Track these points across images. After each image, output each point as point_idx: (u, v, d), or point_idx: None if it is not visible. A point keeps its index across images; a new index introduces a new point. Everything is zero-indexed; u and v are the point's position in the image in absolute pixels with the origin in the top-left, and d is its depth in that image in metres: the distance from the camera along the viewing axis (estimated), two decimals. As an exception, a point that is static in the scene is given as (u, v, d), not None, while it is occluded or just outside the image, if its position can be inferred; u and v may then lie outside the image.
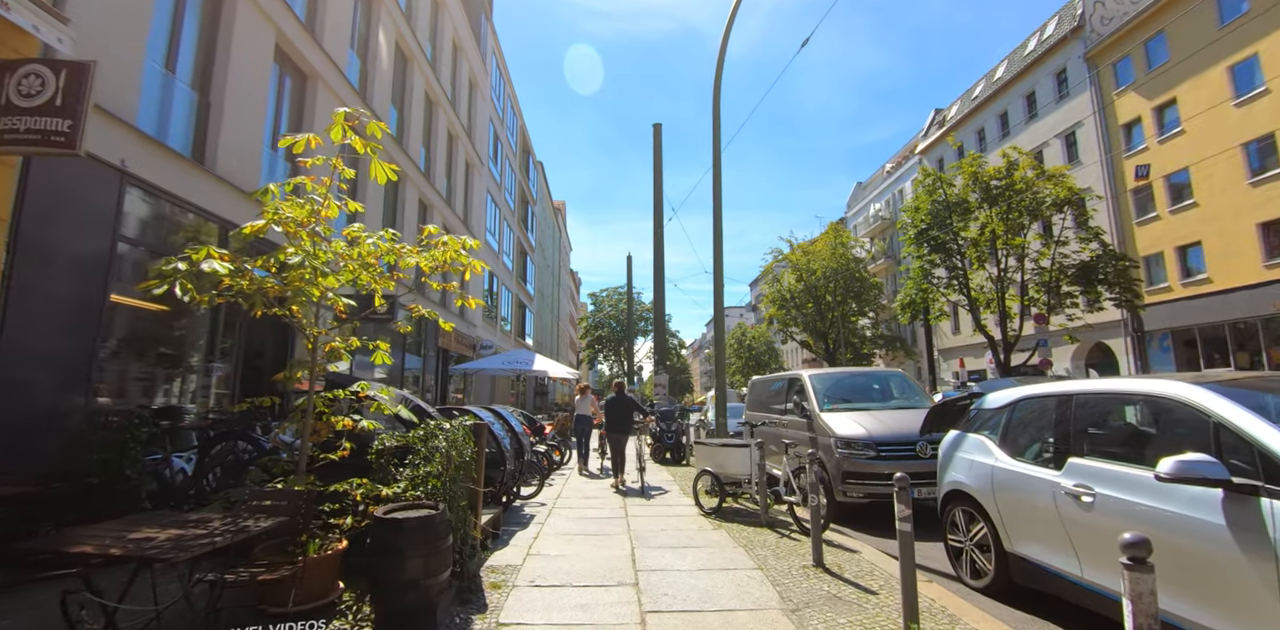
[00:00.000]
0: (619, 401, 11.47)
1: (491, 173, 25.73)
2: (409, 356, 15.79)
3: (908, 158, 44.85)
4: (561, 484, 10.05)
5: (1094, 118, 26.90)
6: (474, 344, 22.07)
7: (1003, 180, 21.96)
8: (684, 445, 13.45)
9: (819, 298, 37.92)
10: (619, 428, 11.23)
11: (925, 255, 23.66)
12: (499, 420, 6.92)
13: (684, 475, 11.18)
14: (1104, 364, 26.87)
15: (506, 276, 29.24)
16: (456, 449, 4.52)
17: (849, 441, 7.13)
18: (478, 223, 22.93)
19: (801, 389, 8.46)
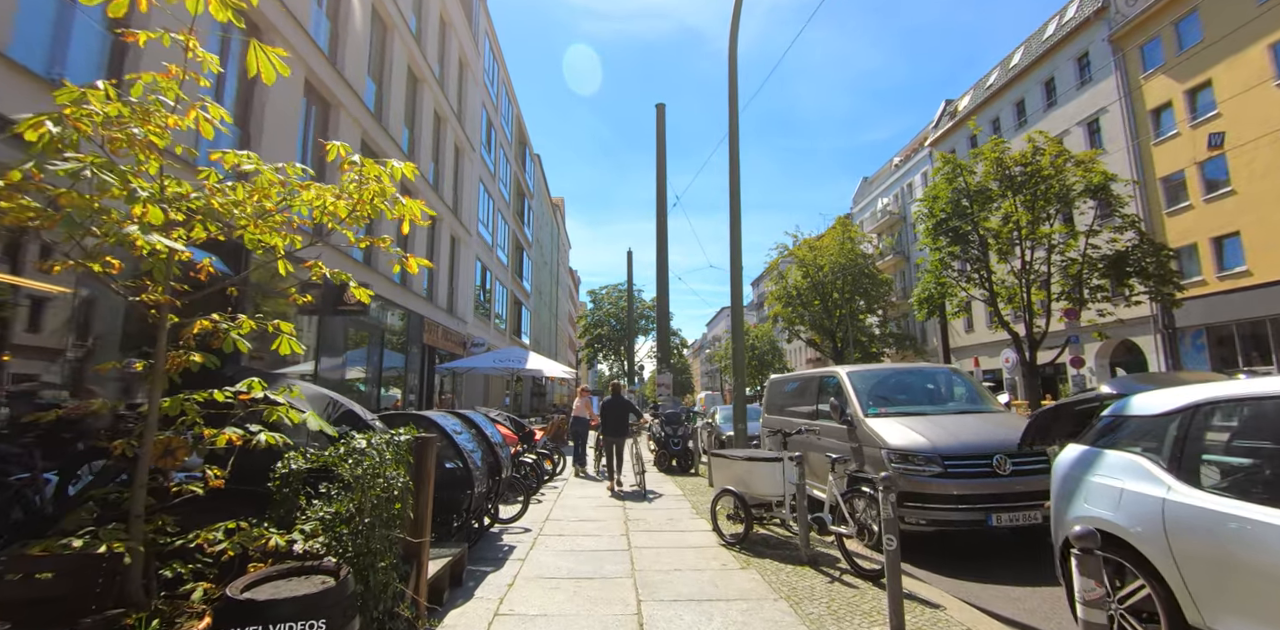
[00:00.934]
0: (616, 403, 10.19)
1: (484, 161, 24.35)
2: (389, 353, 14.39)
3: (917, 151, 43.47)
4: (553, 499, 8.64)
5: (1120, 103, 25.52)
6: (464, 341, 20.67)
7: (1028, 166, 20.58)
8: (691, 452, 12.04)
9: (826, 295, 36.53)
10: (617, 431, 9.99)
11: (945, 247, 22.25)
12: (470, 428, 5.50)
13: (694, 487, 9.78)
14: (1131, 363, 25.48)
15: (501, 271, 27.85)
16: (384, 478, 3.12)
17: (906, 454, 5.73)
18: (469, 212, 21.54)
19: (839, 389, 7.05)
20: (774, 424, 9.07)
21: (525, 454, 9.05)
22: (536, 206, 39.92)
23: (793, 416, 8.50)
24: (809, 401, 8.04)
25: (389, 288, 13.91)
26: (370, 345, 13.24)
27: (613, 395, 10.48)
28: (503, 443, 6.14)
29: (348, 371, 12.00)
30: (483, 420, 6.05)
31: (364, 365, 12.96)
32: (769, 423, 9.40)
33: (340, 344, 11.58)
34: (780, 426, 8.80)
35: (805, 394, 8.28)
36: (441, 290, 18.29)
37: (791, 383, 9.03)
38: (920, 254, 42.09)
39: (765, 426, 9.71)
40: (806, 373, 8.47)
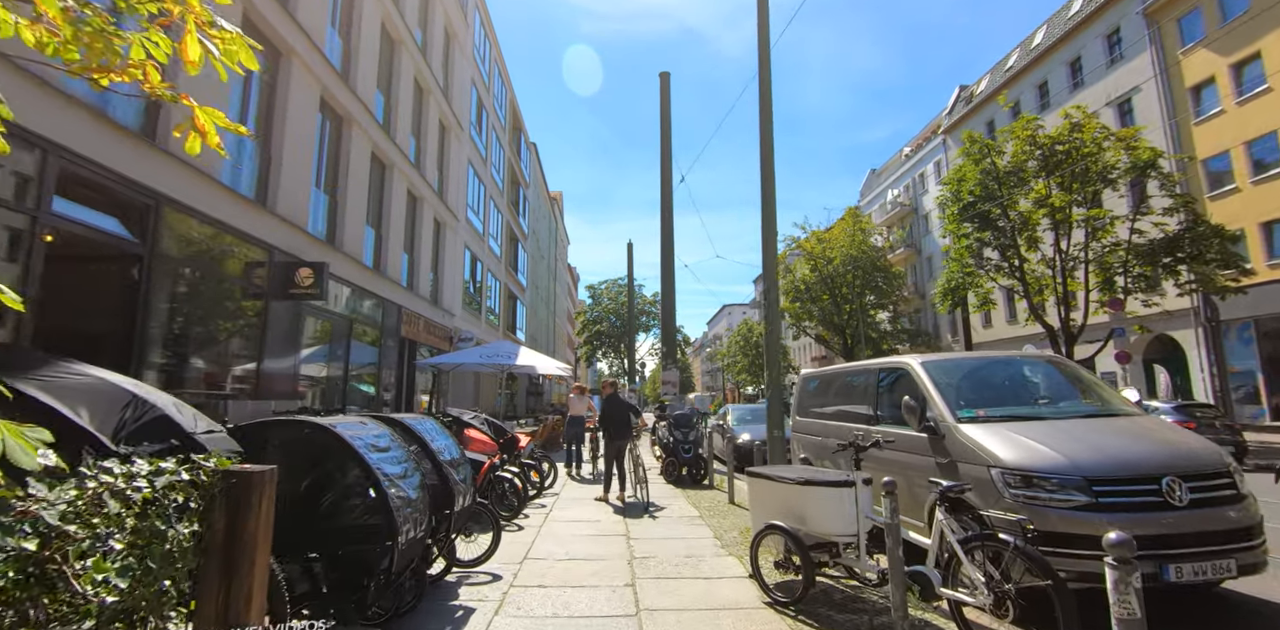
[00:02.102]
0: (616, 403, 8.54)
1: (474, 142, 22.64)
2: (359, 347, 12.68)
3: (929, 139, 41.76)
4: (539, 522, 6.93)
5: (1155, 80, 23.79)
6: (451, 336, 18.96)
7: (1064, 144, 18.89)
8: (705, 460, 10.34)
9: (835, 289, 34.85)
10: (620, 434, 8.39)
11: (972, 233, 20.55)
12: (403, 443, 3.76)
13: (711, 505, 8.08)
14: (1169, 359, 23.76)
15: (494, 263, 26.14)
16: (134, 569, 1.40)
17: (1031, 476, 4.03)
18: (456, 196, 19.83)
19: (912, 386, 5.35)
20: (808, 429, 7.37)
21: (505, 466, 7.35)
22: (533, 197, 38.21)
23: (835, 421, 6.81)
24: (861, 401, 6.34)
25: (358, 271, 12.20)
26: (334, 337, 11.53)
27: (611, 395, 8.84)
28: (459, 459, 4.43)
29: (303, 367, 10.28)
30: (431, 429, 4.34)
31: (325, 360, 11.25)
32: (802, 428, 7.72)
33: (295, 335, 9.87)
34: (818, 432, 7.12)
35: (855, 392, 6.58)
36: (423, 278, 16.58)
37: (834, 378, 7.32)
38: (932, 247, 40.52)
39: (797, 432, 8.03)
40: (856, 366, 6.76)
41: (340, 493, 3.07)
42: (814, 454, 7.37)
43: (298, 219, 9.90)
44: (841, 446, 4.37)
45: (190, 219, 7.60)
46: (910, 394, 5.23)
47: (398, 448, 3.60)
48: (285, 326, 9.59)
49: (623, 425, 8.50)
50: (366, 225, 13.23)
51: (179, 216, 7.39)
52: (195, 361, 7.86)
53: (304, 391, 10.59)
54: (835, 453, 5.34)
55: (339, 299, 11.61)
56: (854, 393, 6.65)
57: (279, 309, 9.42)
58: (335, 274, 11.11)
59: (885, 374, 5.98)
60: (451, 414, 7.98)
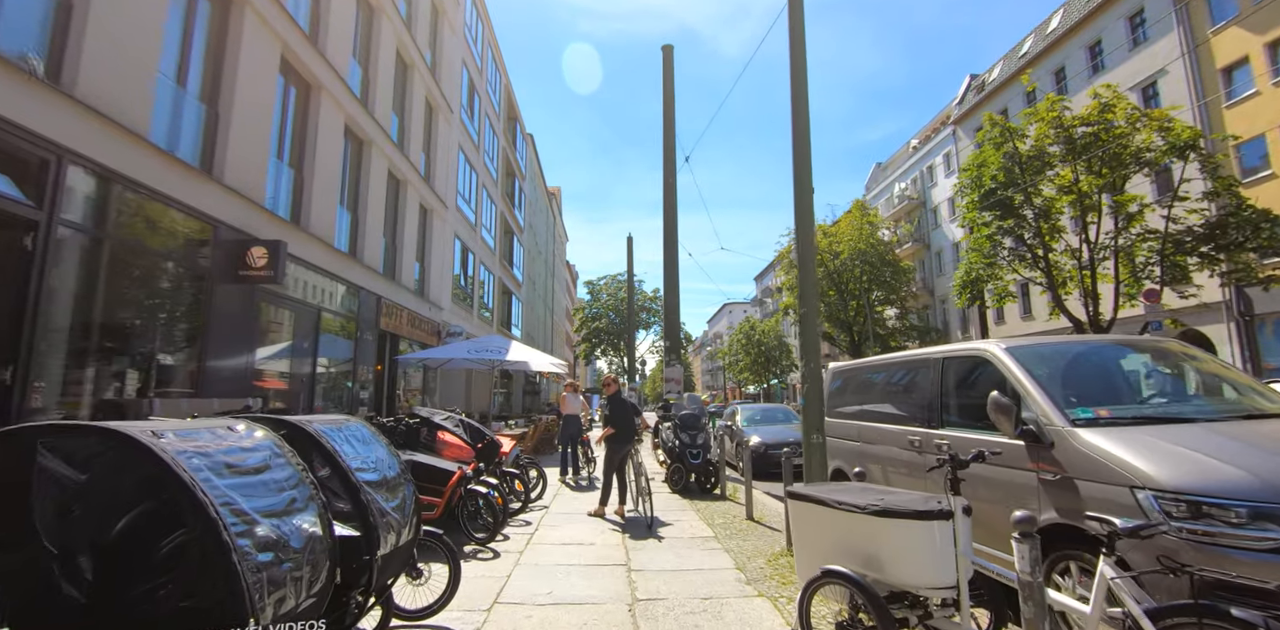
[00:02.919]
0: (621, 404, 7.39)
1: (466, 127, 21.41)
2: (329, 339, 11.47)
3: (937, 131, 40.55)
4: (521, 545, 5.72)
5: (1183, 61, 22.57)
6: (438, 330, 17.74)
7: (1094, 126, 17.67)
8: (716, 467, 9.13)
9: (842, 284, 33.65)
10: (630, 436, 7.39)
11: (994, 221, 19.32)
12: (286, 461, 2.51)
13: (726, 521, 6.88)
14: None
15: (487, 255, 24.92)
16: None
17: (1204, 502, 2.83)
18: (445, 181, 18.61)
19: (997, 379, 4.16)
20: (840, 432, 6.15)
21: (482, 477, 6.14)
22: (529, 190, 36.98)
23: (876, 423, 5.61)
24: (915, 399, 5.13)
25: (328, 255, 10.99)
26: (300, 328, 10.31)
27: (616, 393, 7.65)
28: (397, 478, 3.21)
29: (260, 361, 9.07)
30: (353, 436, 3.11)
31: (289, 354, 10.03)
32: (831, 431, 6.53)
33: (248, 324, 8.65)
34: (853, 436, 5.90)
35: (906, 388, 5.38)
36: (407, 267, 15.36)
37: (873, 372, 6.11)
38: (942, 242, 39.35)
39: (832, 436, 6.84)
40: (907, 356, 5.53)
41: (157, 552, 1.84)
42: (847, 461, 6.17)
43: (251, 192, 8.68)
44: (939, 462, 3.14)
45: (111, 182, 6.39)
46: (998, 389, 4.01)
47: (282, 467, 2.37)
48: (235, 314, 8.37)
49: (628, 430, 7.30)
50: (340, 206, 12.02)
51: (92, 177, 6.17)
52: (112, 352, 6.64)
53: (264, 389, 9.38)
54: (922, 472, 4.08)
55: (304, 285, 10.40)
56: (904, 389, 5.44)
57: (227, 293, 8.20)
58: (298, 256, 9.90)
59: (954, 364, 4.76)
60: (420, 414, 6.77)
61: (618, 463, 7.32)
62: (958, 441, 4.42)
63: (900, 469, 5.24)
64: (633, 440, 7.37)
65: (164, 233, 7.40)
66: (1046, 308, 28.66)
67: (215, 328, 7.93)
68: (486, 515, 5.54)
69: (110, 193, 6.45)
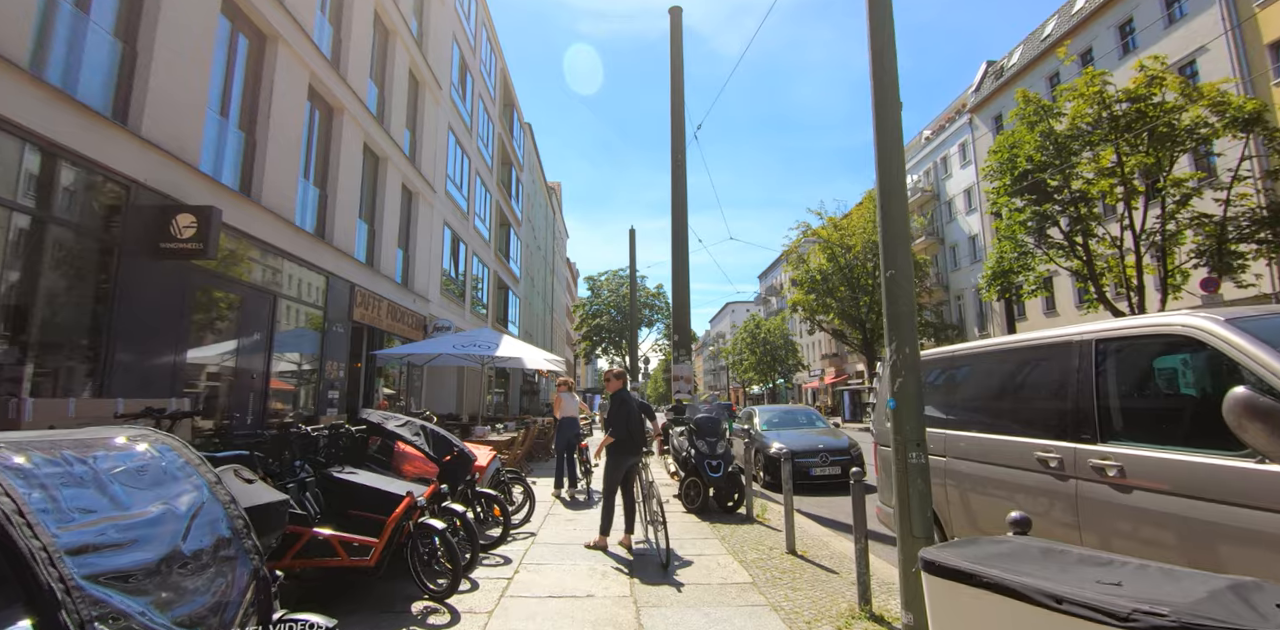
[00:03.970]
0: (627, 403, 5.87)
1: (457, 107, 19.92)
2: (289, 330, 9.99)
3: (952, 120, 39.01)
4: (490, 601, 4.22)
5: (1225, 39, 21.03)
6: (425, 324, 16.26)
7: (1140, 102, 16.17)
8: (739, 480, 7.63)
9: (855, 279, 32.11)
10: (636, 446, 5.85)
11: (1028, 206, 17.80)
12: None
13: (762, 555, 5.38)
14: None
15: (481, 247, 23.43)
16: None
17: None
18: (432, 163, 17.12)
19: (1222, 369, 2.64)
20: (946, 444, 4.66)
21: (445, 504, 4.64)
22: (527, 182, 35.50)
23: (979, 432, 4.12)
24: (1049, 400, 3.63)
25: (286, 233, 9.49)
26: (249, 316, 8.80)
27: (621, 390, 6.12)
28: (217, 547, 1.70)
29: (191, 354, 7.57)
30: (59, 472, 1.58)
31: (233, 347, 8.52)
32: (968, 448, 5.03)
33: (174, 308, 7.16)
34: (946, 451, 4.41)
35: (1032, 385, 3.88)
36: (387, 253, 13.87)
37: (979, 362, 4.60)
38: (957, 235, 37.78)
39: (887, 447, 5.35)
40: (1031, 339, 3.98)
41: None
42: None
43: (180, 148, 7.19)
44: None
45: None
46: (1233, 375, 2.51)
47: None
48: (157, 297, 6.88)
49: (633, 438, 5.79)
50: (304, 179, 10.53)
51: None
52: None
53: (198, 389, 7.89)
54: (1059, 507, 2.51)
55: (257, 267, 8.91)
56: (1022, 385, 3.94)
57: (145, 271, 6.70)
58: (246, 231, 8.41)
59: (1122, 350, 3.25)
60: (371, 420, 5.26)
61: (621, 480, 5.82)
62: (1140, 464, 2.92)
63: (1016, 497, 3.74)
64: (640, 451, 5.86)
65: (60, 192, 5.91)
66: (1072, 302, 27.17)
67: (127, 313, 6.44)
68: (444, 561, 4.04)
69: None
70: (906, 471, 3.40)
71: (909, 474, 3.37)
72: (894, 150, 3.71)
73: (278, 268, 9.46)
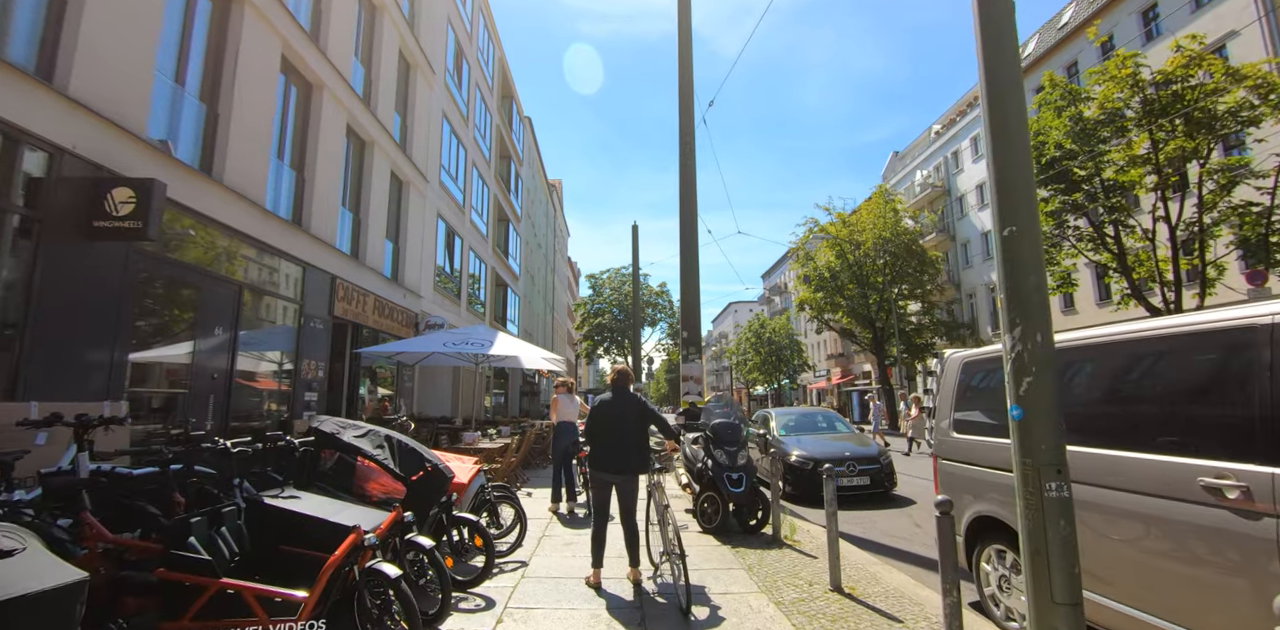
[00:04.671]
0: (622, 404, 4.84)
1: (452, 94, 18.98)
2: (258, 325, 9.04)
3: (963, 113, 38.00)
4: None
5: (1261, 24, 20.03)
6: (416, 322, 15.31)
7: (1176, 84, 15.18)
8: (763, 494, 6.66)
9: (865, 277, 31.07)
10: (622, 462, 4.78)
11: (1055, 197, 16.80)
12: None
13: (802, 595, 4.40)
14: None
15: (478, 242, 22.48)
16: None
17: None
18: (425, 151, 16.17)
19: None
20: (984, 460, 3.72)
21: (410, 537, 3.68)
22: (527, 177, 34.54)
23: (1096, 447, 3.16)
24: (1222, 407, 2.66)
25: (254, 217, 8.54)
26: (207, 308, 7.84)
27: (615, 388, 5.10)
28: None
29: (136, 351, 6.61)
30: None
31: (189, 343, 7.56)
32: (964, 454, 4.11)
33: (112, 298, 6.20)
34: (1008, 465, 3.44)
35: (1189, 387, 2.90)
36: (374, 244, 12.91)
37: (1088, 358, 3.63)
38: (969, 232, 36.70)
39: (949, 460, 4.44)
40: (1169, 326, 3.03)
41: None
42: (1003, 506, 3.76)
43: (118, 113, 6.24)
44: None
45: None
46: None
47: None
48: (91, 284, 5.92)
49: (626, 448, 4.78)
50: (276, 160, 9.58)
51: None
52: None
53: (144, 389, 6.94)
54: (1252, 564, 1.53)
55: (219, 253, 7.95)
56: (1187, 385, 2.96)
57: (71, 252, 5.74)
58: (206, 214, 7.46)
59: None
60: (322, 430, 4.30)
61: (606, 502, 4.83)
62: None
63: (1168, 540, 2.77)
64: (635, 468, 4.83)
65: None
66: (1092, 299, 26.15)
67: (50, 301, 5.48)
68: (400, 620, 3.06)
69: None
70: (1041, 508, 2.41)
71: (1044, 512, 2.39)
72: (1007, 56, 2.76)
73: (244, 255, 8.50)
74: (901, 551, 6.20)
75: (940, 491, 4.81)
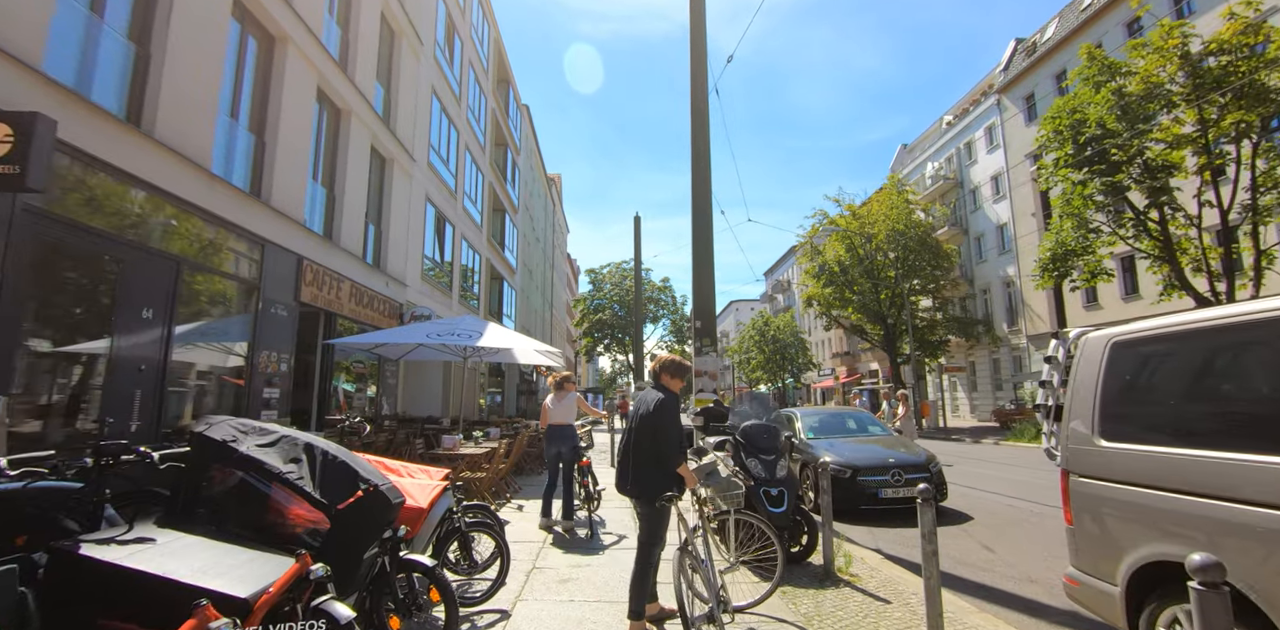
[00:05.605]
0: (640, 402, 3.77)
1: (443, 70, 17.67)
2: (203, 309, 7.74)
3: (977, 102, 36.72)
4: None
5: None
6: (400, 312, 14.01)
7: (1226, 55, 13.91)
8: (809, 514, 5.36)
9: (877, 271, 29.76)
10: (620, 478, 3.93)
11: (1094, 179, 15.50)
12: None
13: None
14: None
15: (472, 231, 21.17)
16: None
17: None
18: (411, 128, 14.87)
19: None
20: (1162, 479, 2.50)
21: (317, 604, 2.37)
22: (525, 168, 33.23)
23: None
24: None
25: (197, 181, 7.23)
26: (137, 288, 6.53)
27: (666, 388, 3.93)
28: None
29: (33, 336, 5.30)
30: None
31: (112, 331, 6.25)
32: (1121, 473, 2.87)
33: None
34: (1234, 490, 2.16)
35: None
36: (350, 225, 11.62)
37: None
38: (983, 226, 35.34)
39: (1091, 478, 3.16)
40: None
41: None
42: (1244, 554, 2.48)
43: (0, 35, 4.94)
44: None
45: None
46: None
47: None
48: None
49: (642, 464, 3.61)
50: (227, 117, 8.28)
51: None
52: None
53: (38, 379, 5.64)
54: None
55: (143, 218, 6.64)
56: None
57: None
58: (124, 169, 6.15)
59: None
60: (210, 438, 3.00)
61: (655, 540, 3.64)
62: None
63: None
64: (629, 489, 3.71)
65: None
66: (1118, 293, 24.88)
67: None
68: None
69: None
70: None
71: None
72: None
73: (185, 226, 7.20)
74: (987, 588, 4.92)
75: (1074, 521, 3.52)
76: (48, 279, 5.65)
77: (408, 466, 4.45)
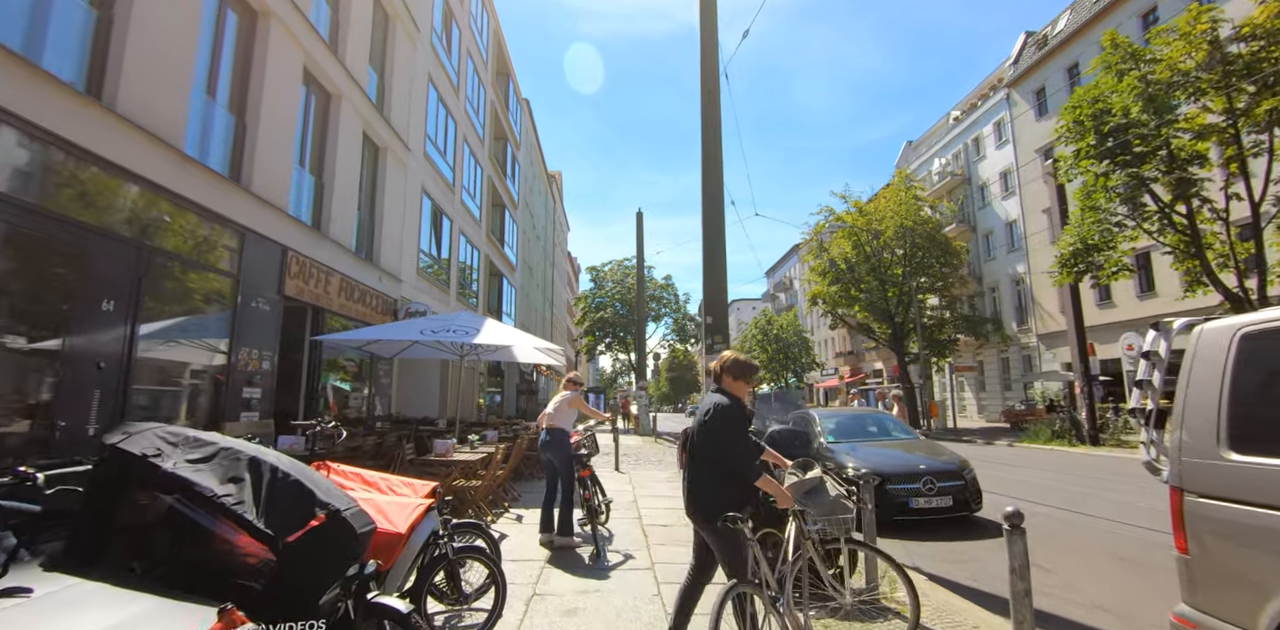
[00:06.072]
0: (726, 412, 3.23)
1: (439, 58, 17.05)
2: (173, 301, 7.13)
3: (985, 97, 36.09)
4: None
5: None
6: (395, 308, 13.39)
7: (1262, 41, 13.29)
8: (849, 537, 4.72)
9: (884, 269, 29.11)
10: (710, 499, 3.14)
11: (1121, 169, 14.87)
12: None
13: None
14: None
15: (470, 226, 20.55)
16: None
17: None
18: (407, 118, 14.25)
19: None
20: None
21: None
22: (525, 163, 32.60)
23: None
24: None
25: (168, 162, 6.61)
26: (98, 277, 5.92)
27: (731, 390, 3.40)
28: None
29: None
30: None
31: (67, 325, 5.63)
32: (1251, 489, 2.21)
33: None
34: None
35: None
36: (340, 215, 11.00)
37: None
38: (991, 222, 34.66)
39: (1209, 498, 2.49)
40: None
41: None
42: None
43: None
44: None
45: None
46: None
47: None
48: None
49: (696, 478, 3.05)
50: (203, 95, 7.67)
51: None
52: None
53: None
54: None
55: (111, 203, 6.02)
56: None
57: None
58: (80, 144, 5.53)
59: None
60: (125, 451, 2.37)
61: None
62: None
63: None
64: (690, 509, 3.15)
65: None
66: (1133, 290, 24.24)
67: None
68: None
69: None
70: None
71: None
72: None
73: (151, 209, 6.58)
74: (1057, 619, 4.29)
75: (1191, 550, 2.90)
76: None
77: (389, 479, 3.84)
